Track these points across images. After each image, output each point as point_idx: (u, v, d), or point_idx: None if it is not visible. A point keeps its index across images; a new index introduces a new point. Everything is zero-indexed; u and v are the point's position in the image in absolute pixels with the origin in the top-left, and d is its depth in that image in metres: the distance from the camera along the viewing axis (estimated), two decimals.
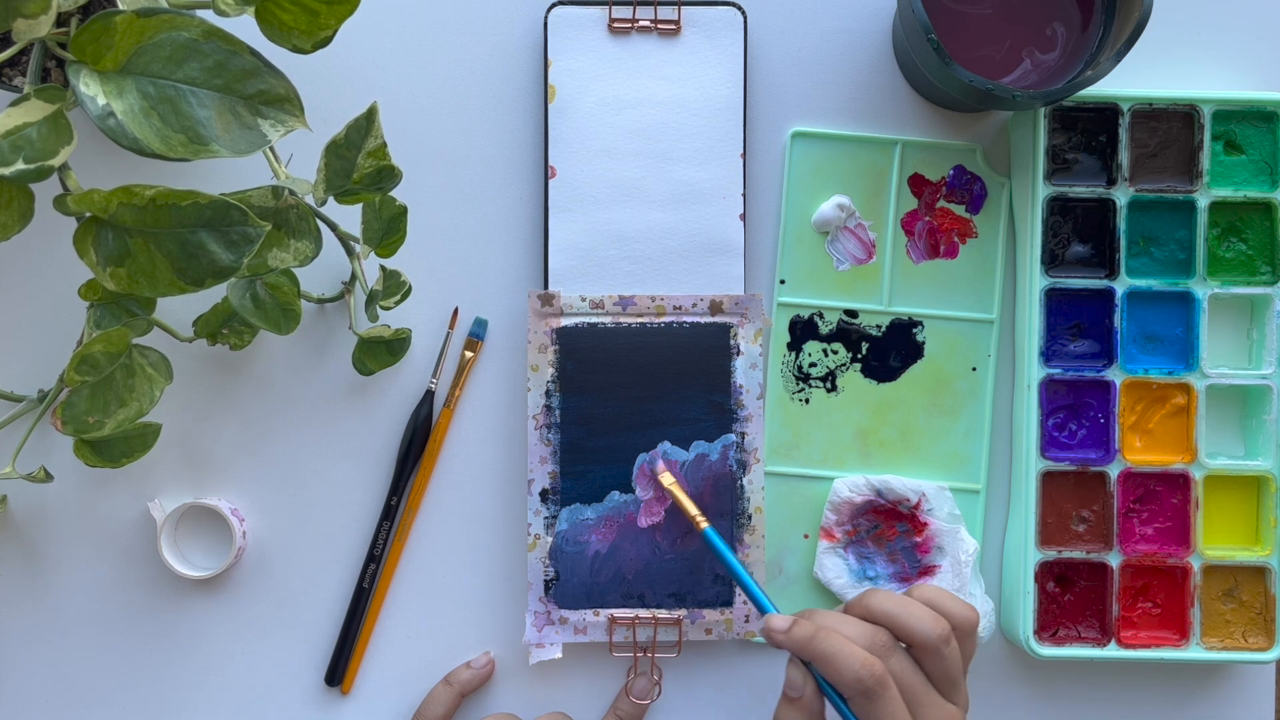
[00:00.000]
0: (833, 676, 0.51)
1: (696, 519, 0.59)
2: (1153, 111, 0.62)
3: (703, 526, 0.59)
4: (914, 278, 0.64)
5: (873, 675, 0.50)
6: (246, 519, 0.64)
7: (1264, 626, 0.62)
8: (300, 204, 0.51)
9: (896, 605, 0.52)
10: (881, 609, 0.53)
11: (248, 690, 0.64)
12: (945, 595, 0.53)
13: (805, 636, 0.52)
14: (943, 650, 0.51)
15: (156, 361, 0.55)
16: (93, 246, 0.46)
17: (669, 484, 0.61)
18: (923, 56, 0.56)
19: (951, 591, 0.61)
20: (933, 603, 0.53)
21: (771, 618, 0.54)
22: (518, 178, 0.64)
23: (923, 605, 0.53)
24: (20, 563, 0.63)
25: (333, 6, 0.49)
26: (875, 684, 0.50)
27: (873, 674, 0.50)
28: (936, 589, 0.54)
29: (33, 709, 0.63)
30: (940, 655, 0.51)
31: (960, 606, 0.53)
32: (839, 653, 0.51)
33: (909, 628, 0.52)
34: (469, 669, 0.63)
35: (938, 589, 0.54)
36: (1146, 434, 0.62)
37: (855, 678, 0.50)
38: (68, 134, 0.45)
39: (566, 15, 0.62)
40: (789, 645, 0.53)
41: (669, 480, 0.61)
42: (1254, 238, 0.62)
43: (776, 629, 0.53)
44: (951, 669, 0.52)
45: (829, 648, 0.51)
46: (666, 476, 0.61)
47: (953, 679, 0.52)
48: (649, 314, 0.62)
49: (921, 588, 0.54)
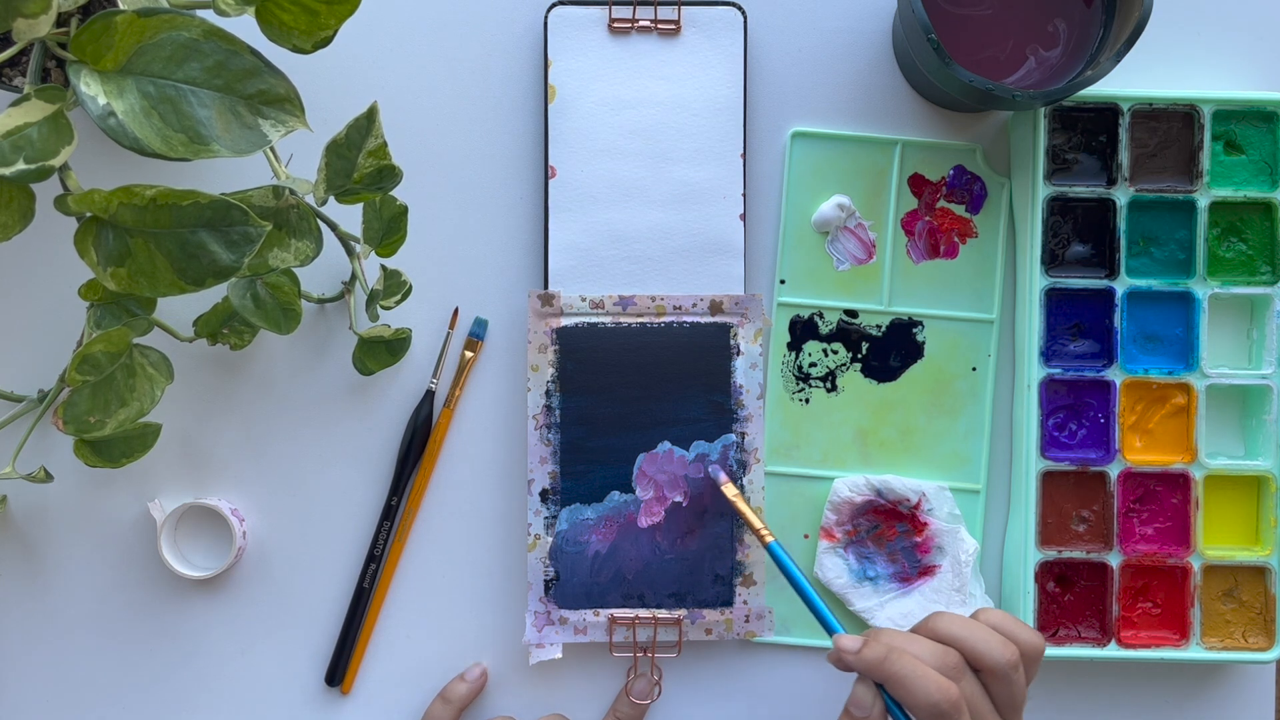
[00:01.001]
0: (907, 700, 0.50)
1: (762, 532, 0.58)
2: (1153, 111, 0.62)
3: (768, 540, 0.58)
4: (914, 278, 0.64)
5: (948, 700, 0.49)
6: (246, 519, 0.64)
7: (1264, 626, 0.62)
8: (300, 204, 0.51)
9: (966, 629, 0.51)
10: (951, 633, 0.52)
11: (248, 690, 0.64)
12: (1012, 620, 0.53)
13: (878, 658, 0.51)
14: (1011, 676, 0.51)
15: (157, 361, 0.55)
16: (93, 246, 0.46)
17: (733, 495, 0.60)
18: (923, 56, 0.56)
19: (952, 591, 0.61)
20: (1000, 627, 0.52)
21: (841, 638, 0.53)
22: (518, 178, 0.64)
23: (990, 630, 0.52)
24: (20, 563, 0.63)
25: (333, 6, 0.49)
26: (951, 709, 0.49)
27: (948, 699, 0.49)
28: (1004, 614, 0.53)
29: (33, 709, 0.63)
30: (1009, 681, 0.51)
31: (1028, 632, 0.52)
32: (914, 675, 0.50)
33: (979, 652, 0.51)
34: (463, 682, 0.62)
35: (1005, 614, 0.53)
36: (1146, 434, 0.62)
37: (930, 702, 0.49)
38: (68, 134, 0.45)
39: (566, 15, 0.62)
40: (860, 666, 0.52)
41: (733, 492, 0.60)
42: (1254, 238, 0.62)
43: (848, 649, 0.52)
44: (1018, 695, 0.51)
45: (903, 670, 0.50)
46: (730, 488, 0.61)
47: (1017, 705, 0.51)
48: (649, 314, 0.62)
49: (988, 612, 0.53)
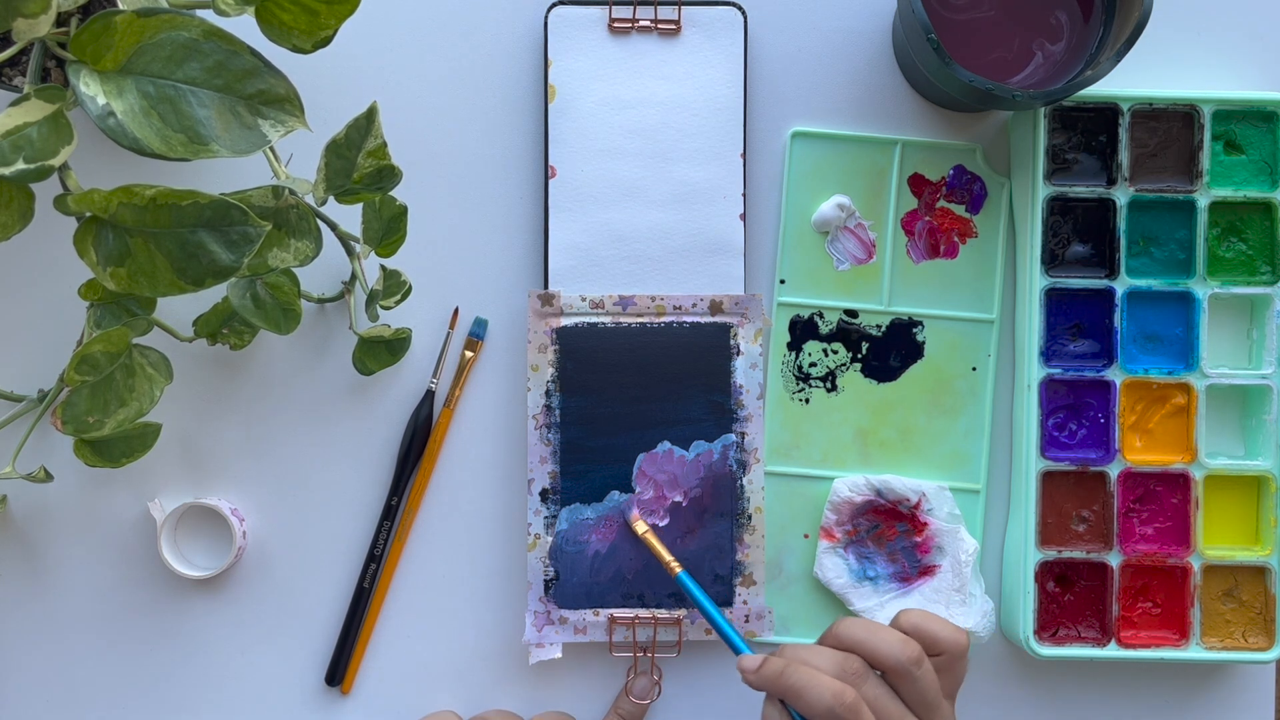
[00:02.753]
0: (806, 710, 0.50)
1: (670, 564, 0.59)
2: (1153, 111, 0.62)
3: (676, 571, 0.59)
4: (914, 278, 0.64)
5: (843, 705, 0.50)
6: (246, 519, 0.64)
7: (1264, 626, 0.62)
8: (300, 204, 0.51)
9: (864, 631, 0.52)
10: (849, 636, 0.52)
11: (248, 690, 0.64)
12: (931, 619, 0.53)
13: (775, 673, 0.52)
14: (914, 673, 0.51)
15: (156, 361, 0.55)
16: (93, 246, 0.46)
17: (642, 532, 0.61)
18: (923, 56, 0.56)
19: (952, 591, 0.61)
20: (916, 627, 0.53)
21: (743, 659, 0.54)
22: (518, 178, 0.64)
23: (892, 630, 0.52)
24: (20, 563, 0.63)
25: (333, 6, 0.49)
26: (846, 712, 0.49)
27: (843, 703, 0.50)
28: (923, 613, 0.54)
29: (33, 709, 0.63)
30: (912, 678, 0.51)
31: (946, 629, 0.53)
32: (809, 685, 0.50)
33: (878, 652, 0.51)
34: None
35: (924, 613, 0.54)
36: (1146, 434, 0.62)
37: (827, 709, 0.50)
38: (68, 134, 0.45)
39: (566, 15, 0.62)
40: (760, 684, 0.53)
41: (642, 529, 0.61)
42: (1254, 238, 0.62)
43: (747, 669, 0.53)
44: (927, 692, 0.51)
45: (799, 681, 0.51)
46: (640, 525, 0.61)
47: (929, 702, 0.51)
48: (649, 314, 0.62)
49: (908, 612, 0.54)
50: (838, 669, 0.51)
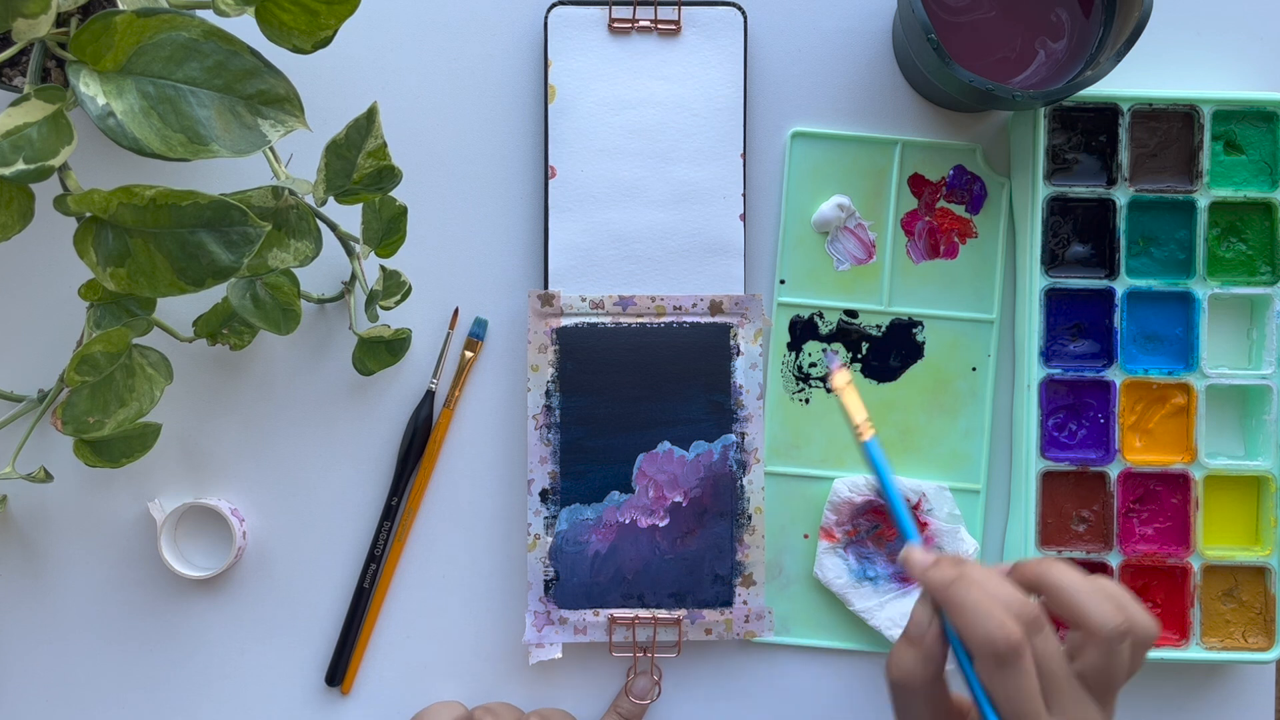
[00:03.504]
0: (964, 631, 0.45)
1: (859, 428, 0.51)
2: (1153, 111, 0.62)
3: (865, 437, 0.51)
4: (914, 278, 0.64)
5: (1008, 640, 0.44)
6: (246, 519, 0.64)
7: (1264, 626, 0.62)
8: (300, 204, 0.51)
9: (1078, 582, 0.46)
10: (1058, 581, 0.46)
11: (248, 690, 0.64)
12: (1128, 596, 0.47)
13: (945, 580, 0.46)
14: (1114, 646, 0.45)
15: (156, 361, 0.55)
16: (93, 246, 0.46)
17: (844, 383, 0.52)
18: (923, 56, 0.56)
19: None
20: (1117, 598, 0.46)
21: (913, 550, 0.49)
22: (518, 178, 0.64)
23: (1104, 588, 0.46)
24: (20, 563, 0.63)
25: (333, 6, 0.49)
26: (1009, 650, 0.44)
27: (1008, 639, 0.44)
28: (1119, 586, 0.47)
29: (33, 709, 0.63)
30: (1109, 652, 0.45)
31: (1145, 614, 0.47)
32: (977, 606, 0.45)
33: (1085, 610, 0.45)
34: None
35: (1120, 587, 0.47)
36: (1146, 434, 0.62)
37: (989, 639, 0.44)
38: (68, 134, 0.45)
39: (566, 15, 0.62)
40: (925, 583, 0.47)
41: (844, 380, 0.52)
42: (1254, 238, 0.62)
43: (917, 563, 0.48)
44: (1115, 672, 0.46)
45: (968, 599, 0.45)
46: (842, 376, 0.52)
47: (1109, 683, 0.46)
48: (649, 314, 0.62)
49: (1103, 580, 0.47)
50: (1015, 606, 0.45)
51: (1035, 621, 0.45)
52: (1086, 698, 0.46)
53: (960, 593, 0.46)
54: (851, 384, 0.52)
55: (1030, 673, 0.44)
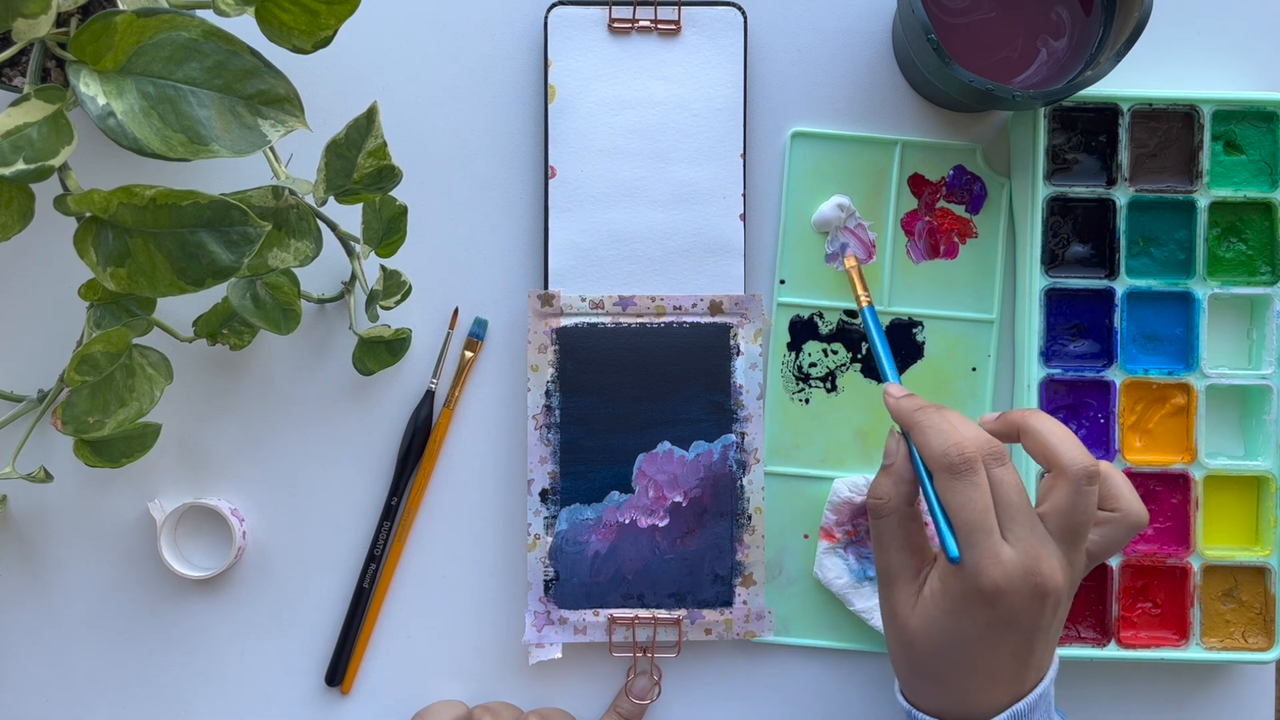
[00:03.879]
0: (923, 449, 0.49)
1: (861, 297, 0.59)
2: (1153, 111, 0.62)
3: (864, 304, 0.59)
4: (914, 278, 0.64)
5: (961, 455, 0.47)
6: (246, 519, 0.64)
7: (1264, 626, 0.62)
8: (300, 204, 0.51)
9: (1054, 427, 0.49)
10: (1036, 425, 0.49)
11: (248, 690, 0.64)
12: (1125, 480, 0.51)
13: (911, 406, 0.51)
14: (1083, 488, 0.47)
15: (156, 361, 0.55)
16: (93, 246, 0.46)
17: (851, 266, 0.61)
18: (923, 56, 0.56)
19: None
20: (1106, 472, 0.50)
21: (890, 385, 0.54)
22: (518, 178, 0.64)
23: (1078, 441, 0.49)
24: (20, 563, 0.63)
25: (333, 6, 0.49)
26: (962, 463, 0.47)
27: (962, 453, 0.47)
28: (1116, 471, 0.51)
29: (33, 709, 0.63)
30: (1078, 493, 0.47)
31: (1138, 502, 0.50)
32: (935, 427, 0.49)
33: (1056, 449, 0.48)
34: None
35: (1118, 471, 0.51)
36: (1146, 434, 0.62)
37: (942, 450, 0.48)
38: (68, 134, 0.45)
39: (566, 15, 0.62)
40: (894, 412, 0.52)
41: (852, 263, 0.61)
42: (1254, 238, 0.62)
43: (891, 394, 0.53)
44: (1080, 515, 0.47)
45: (929, 420, 0.49)
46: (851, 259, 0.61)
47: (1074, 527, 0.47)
48: (649, 314, 0.62)
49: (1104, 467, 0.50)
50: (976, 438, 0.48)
51: (996, 453, 0.48)
52: (1045, 532, 0.48)
53: (923, 417, 0.50)
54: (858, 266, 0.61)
55: (982, 486, 0.47)
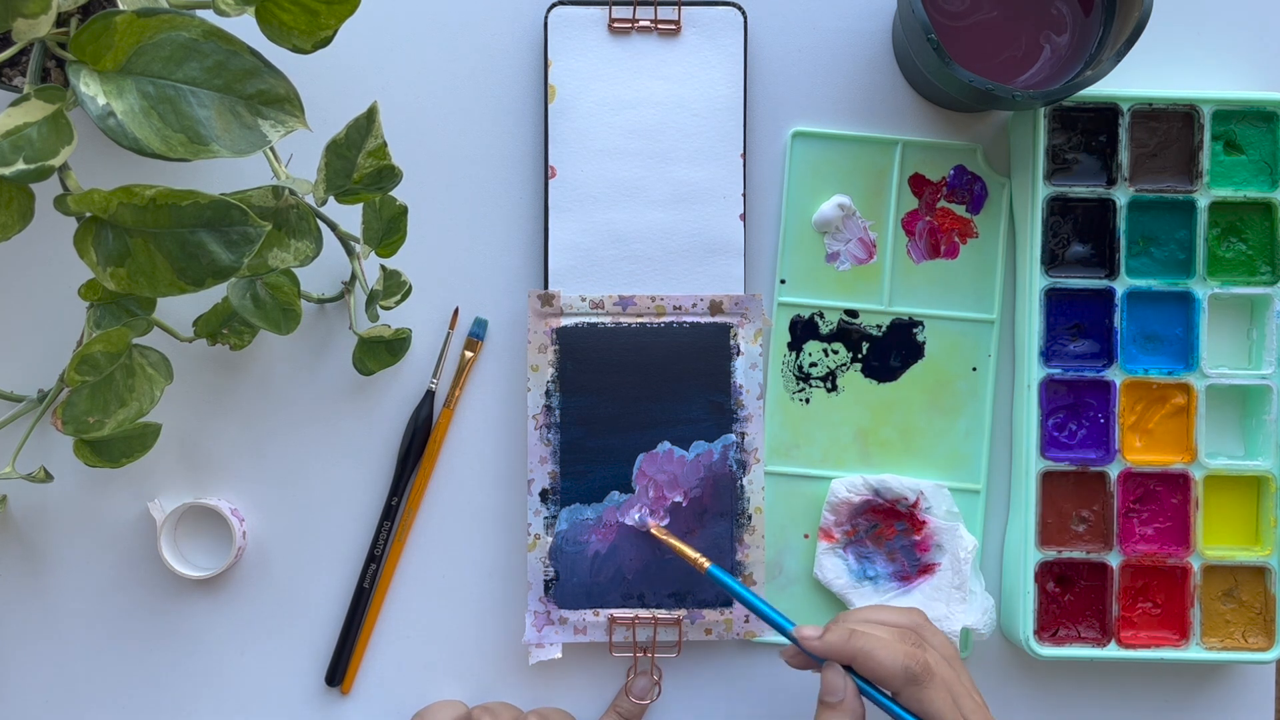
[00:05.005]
0: (876, 672, 0.51)
1: (698, 560, 0.59)
2: (1153, 111, 0.62)
3: (705, 566, 0.58)
4: (914, 277, 0.64)
5: (919, 663, 0.50)
6: (246, 519, 0.64)
7: (1264, 626, 0.62)
8: (300, 204, 0.51)
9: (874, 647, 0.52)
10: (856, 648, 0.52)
11: (248, 690, 0.64)
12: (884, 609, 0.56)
13: (842, 639, 0.52)
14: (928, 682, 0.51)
15: (156, 361, 0.55)
16: (93, 246, 0.46)
17: (662, 535, 0.61)
18: (923, 56, 0.56)
19: (952, 589, 0.61)
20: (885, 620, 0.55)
21: (802, 629, 0.54)
22: (518, 178, 0.64)
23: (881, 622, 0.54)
24: (20, 563, 0.63)
25: (333, 6, 0.49)
26: (922, 671, 0.50)
27: (919, 662, 0.50)
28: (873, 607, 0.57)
29: (33, 709, 0.63)
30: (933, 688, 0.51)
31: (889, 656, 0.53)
32: (880, 647, 0.51)
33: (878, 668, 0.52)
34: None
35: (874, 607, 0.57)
36: (1146, 434, 0.62)
37: (903, 667, 0.50)
38: (68, 134, 0.45)
39: (566, 15, 0.62)
40: (826, 651, 0.53)
41: (662, 532, 0.61)
42: (1254, 238, 0.62)
43: (810, 637, 0.53)
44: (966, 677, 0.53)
45: (868, 644, 0.51)
46: (657, 530, 0.61)
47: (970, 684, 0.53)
48: (649, 314, 0.62)
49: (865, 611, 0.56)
50: (906, 623, 0.52)
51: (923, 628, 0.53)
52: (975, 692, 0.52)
53: (860, 642, 0.52)
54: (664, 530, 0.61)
55: (942, 683, 0.51)
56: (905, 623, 0.54)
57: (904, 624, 0.53)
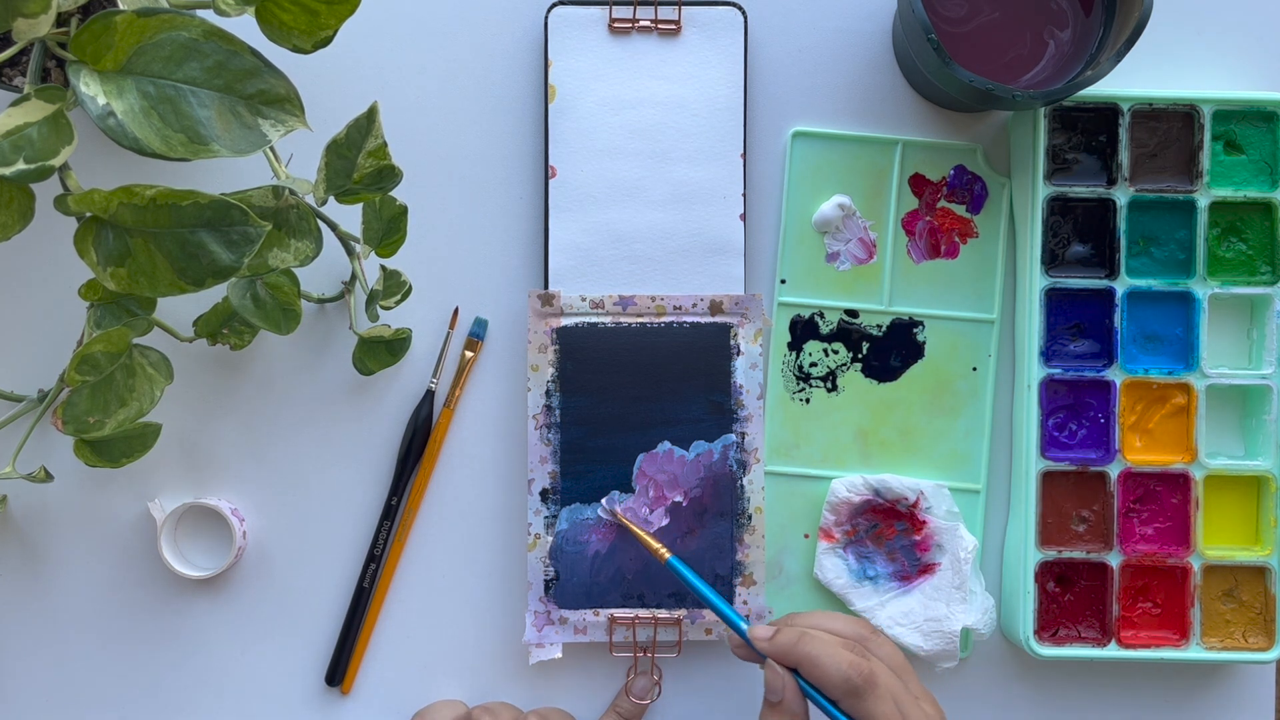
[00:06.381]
0: (819, 679, 0.51)
1: (659, 551, 0.59)
2: (1153, 111, 0.62)
3: (666, 557, 0.59)
4: (915, 277, 0.64)
5: (861, 674, 0.50)
6: (246, 519, 0.64)
7: (1264, 626, 0.62)
8: (300, 204, 0.51)
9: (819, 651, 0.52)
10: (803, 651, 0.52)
11: (248, 690, 0.64)
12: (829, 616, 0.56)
13: (790, 642, 0.52)
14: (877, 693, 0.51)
15: (157, 361, 0.55)
16: (93, 246, 0.46)
17: (623, 521, 0.61)
18: (923, 56, 0.56)
19: (952, 588, 0.61)
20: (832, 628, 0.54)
21: (755, 629, 0.54)
22: (518, 178, 0.64)
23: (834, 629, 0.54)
24: (20, 563, 0.63)
25: (333, 6, 0.49)
26: (864, 682, 0.50)
27: (860, 673, 0.50)
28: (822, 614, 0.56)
29: (33, 709, 0.63)
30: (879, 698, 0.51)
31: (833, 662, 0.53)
32: (824, 655, 0.51)
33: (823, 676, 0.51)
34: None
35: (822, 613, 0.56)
36: (1146, 434, 0.62)
37: (844, 678, 0.50)
38: (68, 134, 0.45)
39: (566, 15, 0.62)
40: (774, 653, 0.53)
41: (623, 518, 0.61)
42: (1254, 238, 0.62)
43: (760, 637, 0.54)
44: (916, 686, 0.52)
45: (814, 650, 0.51)
46: (620, 515, 0.61)
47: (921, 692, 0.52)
48: (649, 314, 0.62)
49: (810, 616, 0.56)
50: (853, 633, 0.52)
51: (869, 637, 0.53)
52: (925, 699, 0.52)
53: (806, 647, 0.51)
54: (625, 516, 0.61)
55: (886, 694, 0.50)
56: (850, 633, 0.53)
57: (849, 634, 0.53)
